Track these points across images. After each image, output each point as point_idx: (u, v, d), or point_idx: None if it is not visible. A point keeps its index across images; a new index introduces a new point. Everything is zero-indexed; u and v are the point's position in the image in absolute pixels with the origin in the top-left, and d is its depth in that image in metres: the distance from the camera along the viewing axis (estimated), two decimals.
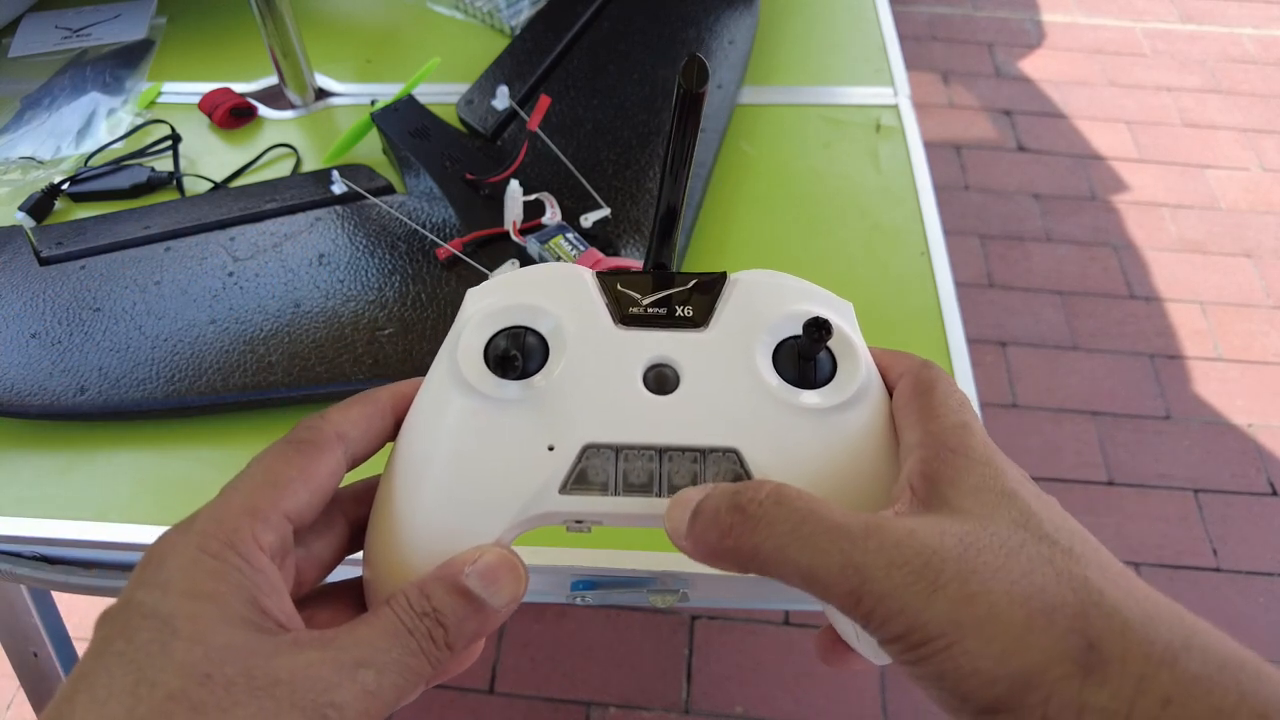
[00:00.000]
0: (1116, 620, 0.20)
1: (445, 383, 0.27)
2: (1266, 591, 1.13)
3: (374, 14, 0.82)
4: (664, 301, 0.28)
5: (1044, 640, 0.20)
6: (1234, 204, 1.57)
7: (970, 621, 0.20)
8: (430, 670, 0.23)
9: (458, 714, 1.01)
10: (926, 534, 0.21)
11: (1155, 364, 1.35)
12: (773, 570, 0.23)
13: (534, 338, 0.28)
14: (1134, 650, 0.20)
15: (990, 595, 0.20)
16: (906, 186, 0.65)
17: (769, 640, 1.07)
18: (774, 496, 0.23)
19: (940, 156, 1.64)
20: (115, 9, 0.81)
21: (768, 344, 0.28)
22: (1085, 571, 0.21)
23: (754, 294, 0.29)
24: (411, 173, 0.63)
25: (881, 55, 0.75)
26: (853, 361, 0.27)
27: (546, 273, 0.29)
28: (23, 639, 0.62)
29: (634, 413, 0.26)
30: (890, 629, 0.21)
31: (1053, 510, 0.23)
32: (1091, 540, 0.22)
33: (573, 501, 0.26)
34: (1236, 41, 1.90)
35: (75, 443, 0.51)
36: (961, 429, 0.25)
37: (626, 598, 0.49)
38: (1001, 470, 0.24)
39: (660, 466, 0.26)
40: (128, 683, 0.20)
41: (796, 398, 0.27)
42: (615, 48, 0.71)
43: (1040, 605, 0.20)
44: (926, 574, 0.21)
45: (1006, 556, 0.21)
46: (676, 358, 0.27)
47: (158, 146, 0.67)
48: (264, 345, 0.52)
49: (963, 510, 0.22)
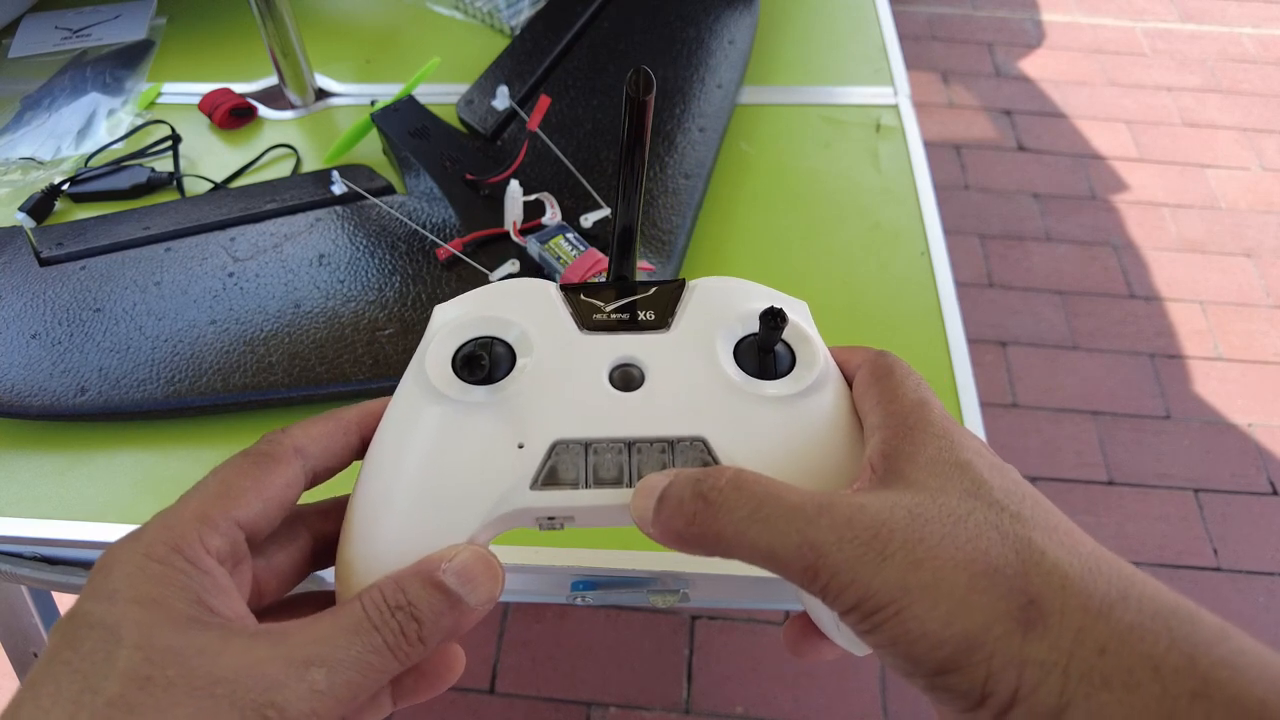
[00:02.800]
0: (1056, 576, 0.21)
1: (414, 391, 0.27)
2: (1266, 591, 1.13)
3: (374, 14, 0.82)
4: (626, 307, 0.30)
5: (985, 600, 0.21)
6: (1234, 203, 1.57)
7: (917, 587, 0.21)
8: (395, 666, 0.23)
9: (458, 714, 1.01)
10: (877, 508, 0.22)
11: (1155, 364, 1.35)
12: (735, 552, 0.23)
13: (501, 346, 0.28)
14: (1072, 603, 0.20)
15: (936, 561, 0.21)
16: (906, 186, 0.65)
17: (769, 640, 1.07)
18: (734, 482, 0.24)
19: (940, 156, 1.64)
20: (115, 9, 0.81)
21: (728, 341, 0.29)
22: (1030, 533, 0.22)
23: (712, 296, 0.30)
24: (411, 173, 0.63)
25: (881, 55, 0.75)
26: (810, 353, 0.29)
27: (511, 287, 0.30)
28: (23, 639, 0.62)
29: (602, 409, 0.27)
30: (845, 600, 0.22)
31: (1006, 478, 0.24)
32: (1044, 504, 0.23)
33: (544, 497, 0.26)
34: (1236, 41, 1.90)
35: (75, 443, 0.51)
36: (920, 406, 0.25)
37: (626, 598, 0.49)
38: (957, 443, 0.24)
39: (630, 459, 0.26)
40: (72, 691, 0.20)
41: (759, 388, 0.28)
42: (615, 48, 0.71)
43: (983, 568, 0.21)
44: (875, 544, 0.21)
45: (954, 524, 0.22)
46: (641, 357, 0.28)
47: (158, 147, 0.67)
48: (264, 345, 0.52)
49: (916, 483, 0.23)
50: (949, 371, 0.53)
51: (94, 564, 0.22)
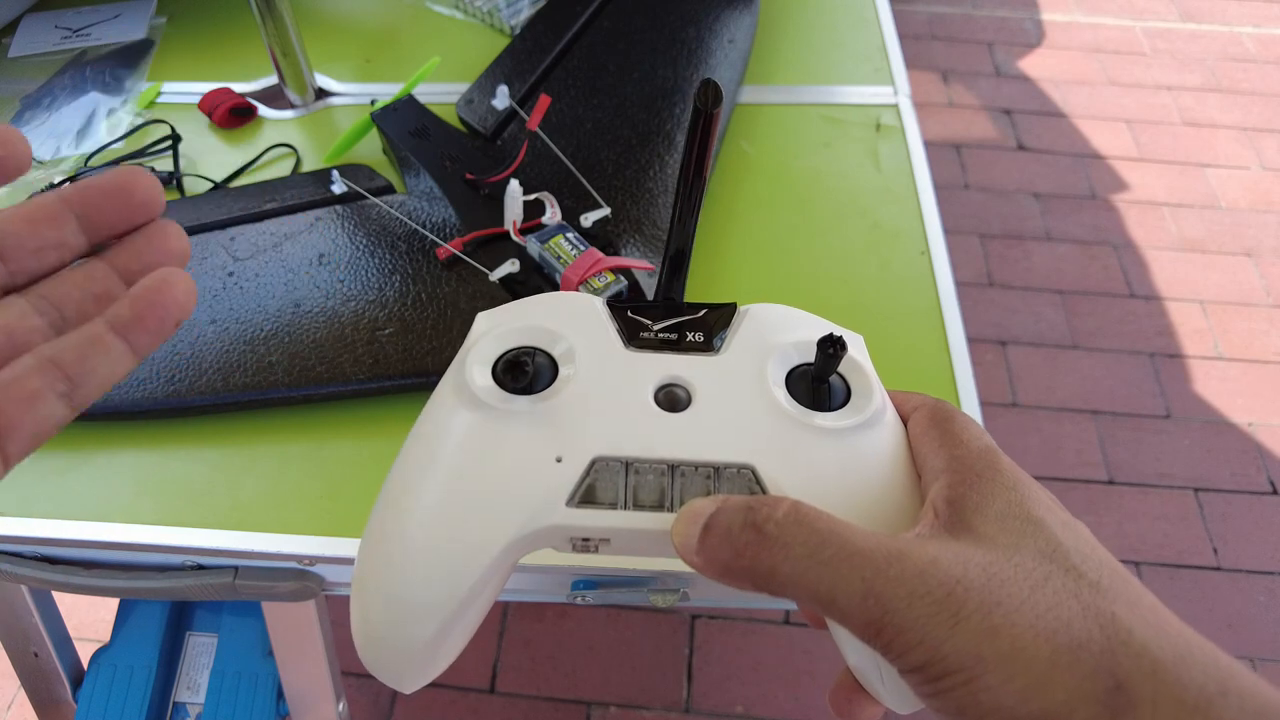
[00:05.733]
0: (1146, 660, 0.19)
1: (451, 397, 0.27)
2: (1267, 590, 1.13)
3: (374, 14, 0.82)
4: (674, 328, 0.28)
5: (1069, 679, 0.19)
6: (1234, 203, 1.57)
7: (993, 656, 0.19)
8: None
9: (458, 713, 1.01)
10: (950, 563, 0.21)
11: (1155, 363, 1.35)
12: (789, 593, 0.22)
13: (544, 358, 0.27)
14: (1165, 694, 0.19)
15: (1014, 629, 0.20)
16: (906, 186, 0.65)
17: (769, 640, 1.08)
18: (792, 515, 0.22)
19: (940, 156, 1.64)
20: (115, 9, 0.81)
21: (780, 368, 0.28)
22: (1113, 607, 0.20)
23: (765, 323, 0.29)
24: (411, 172, 0.62)
25: (881, 54, 0.75)
26: (866, 385, 0.27)
27: (556, 299, 0.29)
28: (23, 639, 0.62)
29: (645, 428, 0.26)
30: (910, 660, 0.20)
31: (1080, 539, 0.22)
32: (1120, 571, 0.22)
33: (580, 515, 0.25)
34: (1236, 40, 1.90)
35: (75, 443, 0.51)
36: (988, 453, 0.24)
37: (627, 597, 0.49)
38: (1028, 496, 0.23)
39: (672, 482, 0.25)
40: None
41: (812, 419, 0.26)
42: (615, 47, 0.71)
43: (1066, 642, 0.20)
44: (949, 605, 0.20)
45: (1031, 589, 0.20)
46: (688, 378, 0.27)
47: (158, 146, 0.67)
48: (264, 345, 0.52)
49: (987, 537, 0.22)
50: (949, 371, 0.53)
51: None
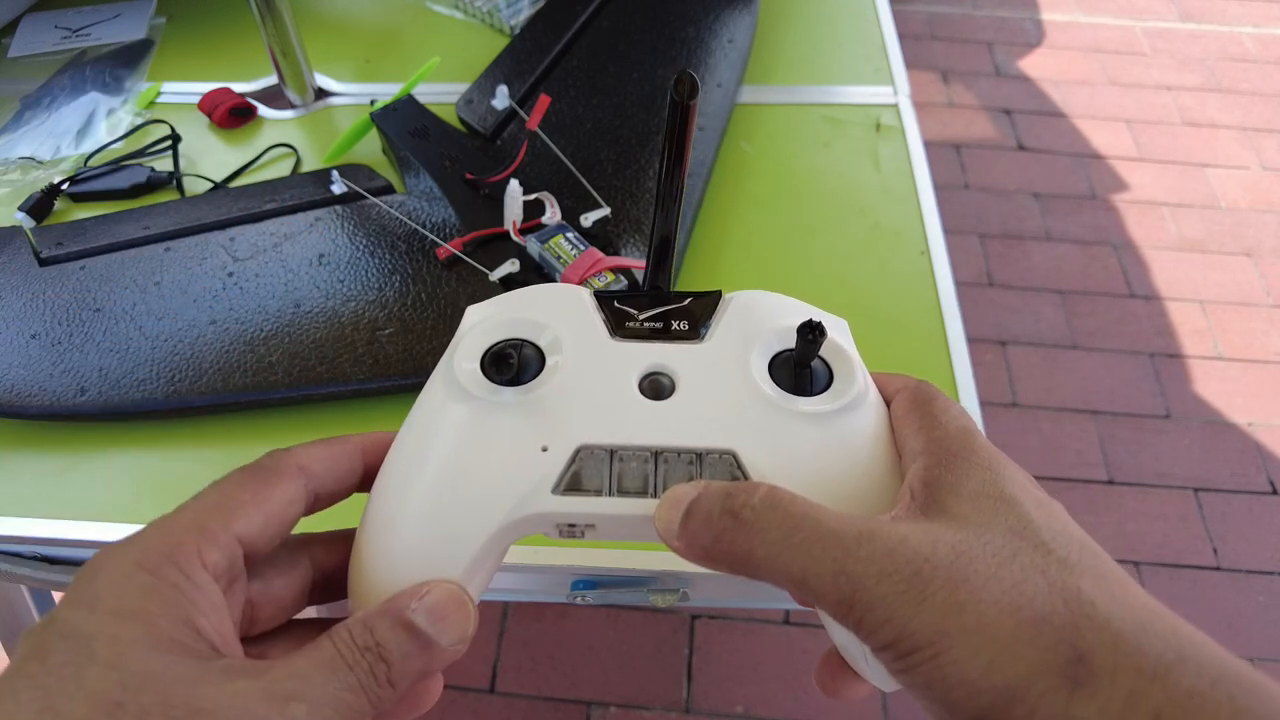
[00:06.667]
0: (1108, 632, 0.20)
1: (440, 388, 0.27)
2: (1266, 590, 1.13)
3: (374, 14, 0.81)
4: (660, 317, 0.29)
5: (1031, 652, 0.20)
6: (1234, 203, 1.57)
7: (958, 631, 0.20)
8: (369, 708, 0.22)
9: (458, 713, 1.01)
10: (919, 541, 0.21)
11: (1155, 363, 1.35)
12: (764, 574, 0.22)
13: (531, 349, 0.28)
14: (1125, 663, 0.19)
15: (979, 605, 0.20)
16: (906, 186, 0.65)
17: (769, 640, 1.08)
18: (767, 500, 0.23)
19: (940, 156, 1.64)
20: (115, 9, 0.81)
21: (763, 355, 0.28)
22: (1079, 581, 0.21)
23: (749, 309, 0.29)
24: (411, 173, 0.62)
25: (881, 54, 0.75)
26: (848, 370, 0.28)
27: (543, 291, 0.30)
28: None
29: (629, 416, 0.27)
30: (879, 637, 0.21)
31: (1053, 517, 0.23)
32: (1091, 547, 0.22)
33: (566, 502, 0.25)
34: (1236, 40, 1.90)
35: (75, 443, 0.51)
36: (964, 434, 0.25)
37: (627, 597, 0.49)
38: (1002, 475, 0.23)
39: (655, 469, 0.26)
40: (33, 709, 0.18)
41: (793, 404, 0.27)
42: (615, 47, 0.71)
43: (1029, 616, 0.20)
44: (916, 582, 0.21)
45: (998, 565, 0.21)
46: (673, 366, 0.28)
47: (157, 146, 0.67)
48: (264, 345, 0.52)
49: (959, 516, 0.22)
50: (949, 371, 0.53)
51: (81, 566, 0.21)
